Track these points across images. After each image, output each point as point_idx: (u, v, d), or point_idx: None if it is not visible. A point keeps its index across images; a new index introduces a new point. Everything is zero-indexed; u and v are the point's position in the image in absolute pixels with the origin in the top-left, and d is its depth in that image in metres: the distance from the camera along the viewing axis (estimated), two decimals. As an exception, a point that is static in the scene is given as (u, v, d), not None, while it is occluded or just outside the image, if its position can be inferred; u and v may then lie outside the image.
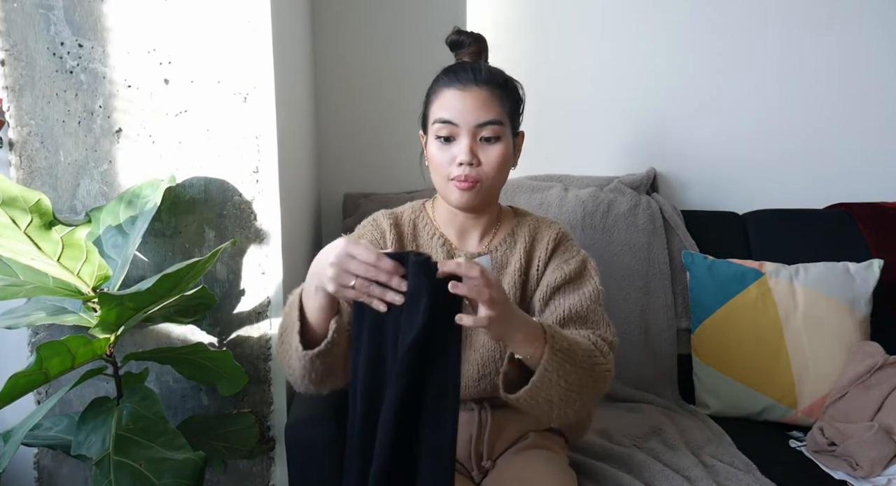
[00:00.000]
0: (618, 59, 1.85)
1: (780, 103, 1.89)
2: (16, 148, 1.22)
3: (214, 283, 1.28)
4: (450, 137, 1.06)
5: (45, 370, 0.96)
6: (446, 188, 1.09)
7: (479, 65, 1.10)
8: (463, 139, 1.05)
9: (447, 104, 1.06)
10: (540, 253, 1.14)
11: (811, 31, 1.86)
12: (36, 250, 1.07)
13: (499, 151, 1.07)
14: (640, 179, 1.77)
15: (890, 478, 1.27)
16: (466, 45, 1.13)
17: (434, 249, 1.14)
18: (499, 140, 1.07)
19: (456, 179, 1.06)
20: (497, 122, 1.06)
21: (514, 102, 1.12)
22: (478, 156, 1.06)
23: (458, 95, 1.06)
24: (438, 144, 1.07)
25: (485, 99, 1.06)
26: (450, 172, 1.07)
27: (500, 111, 1.07)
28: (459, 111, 1.05)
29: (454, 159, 1.06)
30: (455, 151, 1.06)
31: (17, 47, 1.19)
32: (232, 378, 1.22)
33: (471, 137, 1.05)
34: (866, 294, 1.58)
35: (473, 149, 1.06)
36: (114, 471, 0.97)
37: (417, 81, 1.79)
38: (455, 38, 1.14)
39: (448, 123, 1.06)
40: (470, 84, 1.06)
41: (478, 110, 1.05)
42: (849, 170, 1.92)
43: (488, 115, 1.05)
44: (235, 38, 1.22)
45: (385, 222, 1.15)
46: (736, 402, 1.56)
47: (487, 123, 1.05)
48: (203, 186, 1.25)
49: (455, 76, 1.08)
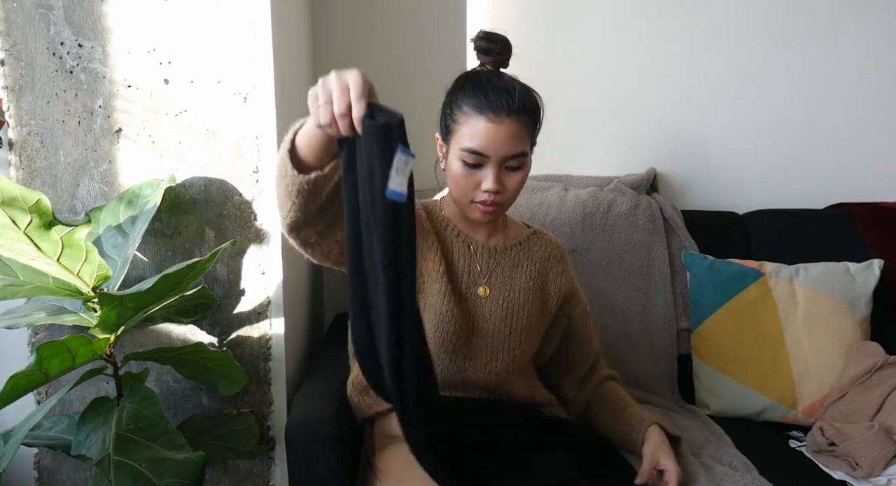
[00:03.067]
0: (618, 59, 1.85)
1: (781, 103, 1.89)
2: (16, 148, 1.22)
3: (214, 283, 1.28)
4: (476, 164, 1.07)
5: (45, 370, 0.96)
6: (468, 207, 1.12)
7: (513, 87, 1.06)
8: (490, 168, 1.06)
9: (478, 135, 1.05)
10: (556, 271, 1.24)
11: (812, 32, 1.86)
12: (36, 250, 1.07)
13: (521, 177, 1.10)
14: (640, 179, 1.77)
15: (890, 478, 1.27)
16: (495, 53, 1.10)
17: (448, 237, 1.18)
18: (522, 167, 1.09)
19: (480, 203, 1.09)
20: (524, 154, 1.08)
21: (537, 121, 1.12)
22: (503, 183, 1.08)
23: (492, 128, 1.04)
24: (464, 167, 1.08)
25: (516, 132, 1.05)
26: (474, 196, 1.09)
27: (528, 140, 1.09)
28: (491, 144, 1.05)
29: (479, 185, 1.07)
30: (481, 175, 1.07)
31: (17, 47, 1.19)
32: (232, 378, 1.22)
33: (498, 167, 1.06)
34: (866, 294, 1.58)
35: (500, 178, 1.07)
36: (114, 471, 0.97)
37: (417, 82, 1.80)
38: (484, 45, 1.10)
39: (478, 154, 1.06)
40: (503, 115, 1.04)
41: (509, 144, 1.05)
42: (849, 170, 1.92)
43: (518, 147, 1.06)
44: (235, 38, 1.22)
45: None
46: (736, 402, 1.56)
47: (516, 155, 1.07)
48: (203, 186, 1.25)
49: (487, 101, 1.05)
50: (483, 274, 1.18)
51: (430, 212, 1.22)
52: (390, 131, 0.77)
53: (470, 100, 1.07)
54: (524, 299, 1.18)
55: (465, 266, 1.17)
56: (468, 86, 1.08)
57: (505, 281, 1.18)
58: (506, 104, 1.04)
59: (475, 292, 1.16)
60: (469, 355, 1.15)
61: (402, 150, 0.77)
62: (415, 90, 1.78)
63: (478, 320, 1.16)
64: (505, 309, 1.16)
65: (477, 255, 1.18)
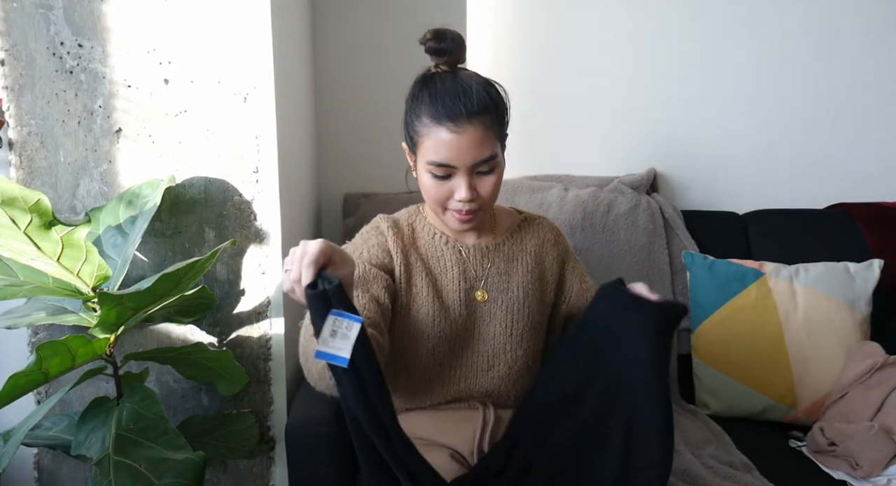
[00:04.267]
0: (618, 59, 1.85)
1: (781, 103, 1.89)
2: (16, 148, 1.22)
3: (214, 283, 1.28)
4: (445, 175, 1.04)
5: (45, 370, 0.96)
6: (444, 216, 1.09)
7: (469, 87, 1.01)
8: (461, 178, 1.03)
9: (441, 147, 1.01)
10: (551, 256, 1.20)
11: (812, 32, 1.86)
12: (36, 249, 1.07)
13: (495, 179, 1.06)
14: (640, 179, 1.77)
15: (890, 478, 1.27)
16: (448, 52, 1.05)
17: (438, 246, 1.15)
18: (494, 169, 1.05)
19: (456, 212, 1.06)
20: (494, 156, 1.04)
21: (503, 116, 1.07)
22: (476, 189, 1.05)
23: (454, 139, 1.00)
24: (434, 179, 1.05)
25: (481, 137, 1.01)
26: (448, 205, 1.06)
27: (495, 141, 1.04)
28: (455, 154, 1.01)
29: (451, 195, 1.05)
30: (452, 186, 1.04)
31: (17, 47, 1.19)
32: (232, 378, 1.22)
33: (469, 175, 1.03)
34: (866, 294, 1.58)
35: (473, 185, 1.04)
36: (114, 471, 0.97)
37: (417, 81, 1.80)
38: (435, 45, 1.04)
39: (445, 166, 1.02)
40: (462, 122, 1.00)
41: (475, 150, 1.01)
42: (849, 170, 1.92)
43: (485, 152, 1.02)
44: (235, 38, 1.22)
45: (384, 225, 1.15)
46: (736, 402, 1.56)
47: (485, 161, 1.03)
48: (203, 186, 1.25)
49: (444, 110, 1.00)
50: (479, 278, 1.15)
51: (412, 225, 1.17)
52: (324, 298, 0.80)
53: (427, 109, 1.02)
54: (524, 296, 1.16)
55: (458, 273, 1.13)
56: (424, 94, 1.04)
57: (501, 280, 1.16)
58: (464, 109, 0.99)
59: (473, 298, 1.13)
60: (469, 363, 1.14)
61: (341, 314, 0.79)
62: (415, 90, 1.78)
63: (478, 325, 1.14)
64: (505, 310, 1.14)
65: (469, 259, 1.15)
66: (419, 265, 1.13)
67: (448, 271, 1.14)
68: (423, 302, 1.11)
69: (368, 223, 1.19)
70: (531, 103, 1.84)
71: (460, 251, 1.15)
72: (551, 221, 1.25)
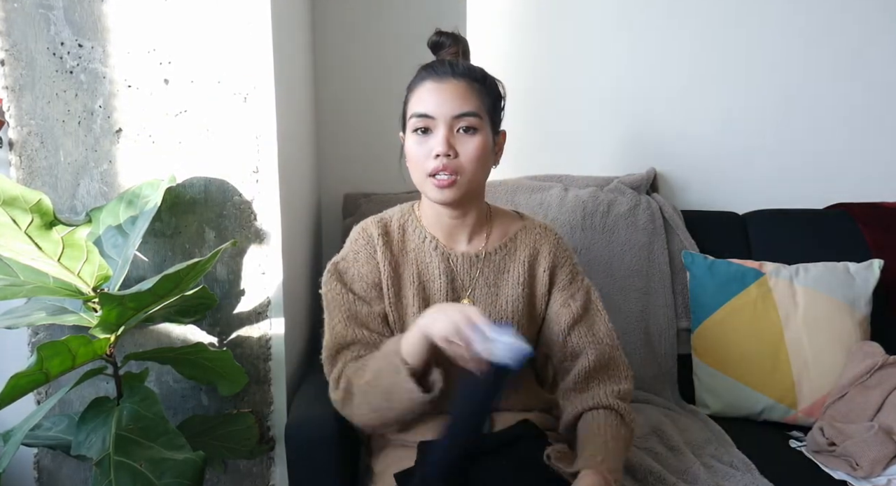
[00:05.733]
0: (618, 59, 1.85)
1: (781, 103, 1.89)
2: (16, 148, 1.22)
3: (214, 283, 1.28)
4: (427, 128, 1.05)
5: (45, 370, 0.96)
6: (425, 184, 1.07)
7: (457, 60, 1.09)
8: (440, 131, 1.04)
9: (423, 97, 1.06)
10: (542, 267, 1.15)
11: (812, 32, 1.86)
12: (36, 249, 1.07)
13: (477, 144, 1.05)
14: (640, 179, 1.77)
15: (890, 478, 1.27)
16: (447, 46, 1.12)
17: (427, 251, 1.14)
18: (476, 132, 1.05)
19: (434, 174, 1.04)
20: (474, 114, 1.05)
21: (494, 99, 1.10)
22: (455, 148, 1.04)
23: (435, 88, 1.05)
24: (416, 137, 1.06)
25: (462, 91, 1.05)
26: (427, 167, 1.05)
27: (478, 104, 1.06)
28: (436, 103, 1.04)
29: (431, 152, 1.04)
30: (432, 143, 1.04)
31: (17, 47, 1.19)
32: (232, 378, 1.22)
33: (448, 128, 1.04)
34: (866, 294, 1.58)
35: (450, 140, 1.04)
36: (114, 471, 0.97)
37: (417, 81, 1.80)
38: (435, 39, 1.13)
39: (424, 116, 1.05)
40: (447, 76, 1.05)
41: (454, 101, 1.04)
42: (849, 170, 1.92)
43: (465, 106, 1.04)
44: (235, 39, 1.22)
45: (374, 232, 1.14)
46: (736, 402, 1.56)
47: (464, 114, 1.04)
48: (203, 186, 1.25)
49: (433, 70, 1.07)
50: (465, 287, 1.12)
51: (403, 226, 1.16)
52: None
53: (417, 76, 1.09)
54: (511, 310, 1.12)
55: (445, 282, 1.11)
56: (419, 70, 1.11)
57: (490, 292, 1.12)
58: (449, 69, 1.06)
59: None
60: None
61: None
62: (415, 90, 1.78)
63: None
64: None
65: (457, 267, 1.13)
66: (408, 273, 1.13)
67: (436, 279, 1.12)
68: (413, 312, 1.11)
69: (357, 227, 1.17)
70: (531, 103, 1.84)
71: (448, 258, 1.13)
72: (554, 230, 1.20)
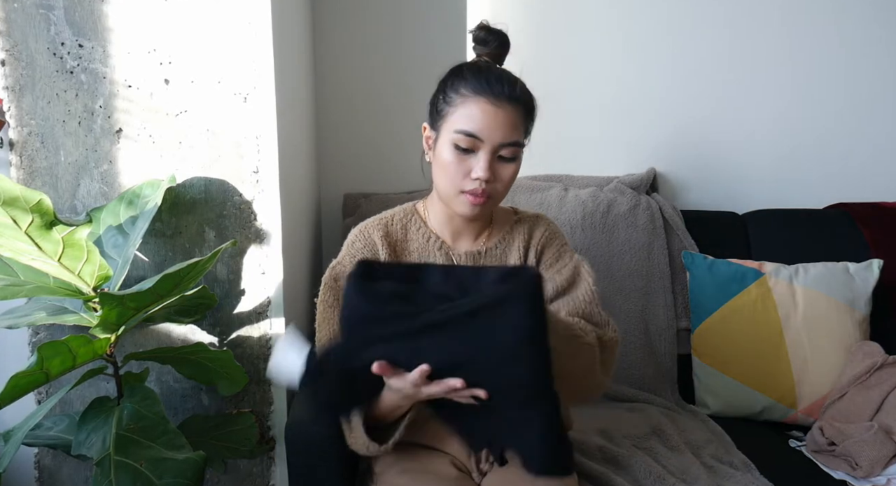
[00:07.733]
0: (618, 59, 1.85)
1: (780, 103, 1.89)
2: (16, 148, 1.22)
3: (215, 283, 1.28)
4: (469, 149, 1.03)
5: (45, 370, 0.96)
6: (456, 199, 1.06)
7: (514, 79, 1.05)
8: (483, 155, 1.02)
9: (476, 116, 1.01)
10: (533, 251, 1.16)
11: (812, 32, 1.86)
12: (37, 249, 1.07)
13: (513, 170, 1.06)
14: (640, 179, 1.78)
15: (889, 478, 1.27)
16: (490, 44, 1.10)
17: (430, 251, 1.14)
18: (515, 159, 1.05)
19: (470, 193, 1.04)
20: (519, 144, 1.05)
21: (531, 121, 1.10)
22: (495, 173, 1.04)
23: (490, 111, 1.01)
24: (455, 152, 1.03)
25: (513, 118, 1.02)
26: (463, 185, 1.04)
27: (523, 133, 1.06)
28: (488, 127, 1.01)
29: (469, 172, 1.03)
30: (472, 163, 1.03)
31: (18, 47, 1.19)
32: (232, 378, 1.22)
33: (492, 154, 1.02)
34: (866, 294, 1.59)
35: (493, 167, 1.03)
36: (114, 471, 0.98)
37: (417, 81, 1.80)
38: (480, 34, 1.11)
39: (473, 136, 1.01)
40: (503, 99, 1.01)
41: (505, 129, 1.01)
42: (849, 170, 1.92)
43: (513, 135, 1.03)
44: (235, 39, 1.22)
45: (375, 235, 1.13)
46: (736, 402, 1.57)
47: (511, 144, 1.03)
48: (203, 186, 1.25)
49: (488, 85, 1.02)
50: None
51: (405, 227, 1.15)
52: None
53: (469, 83, 1.03)
54: None
55: None
56: (467, 71, 1.05)
57: None
58: (507, 91, 1.02)
59: None
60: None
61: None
62: (414, 90, 1.78)
63: None
64: None
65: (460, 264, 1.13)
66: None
67: None
68: None
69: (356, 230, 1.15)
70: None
71: (451, 257, 1.14)
72: (547, 219, 1.21)
